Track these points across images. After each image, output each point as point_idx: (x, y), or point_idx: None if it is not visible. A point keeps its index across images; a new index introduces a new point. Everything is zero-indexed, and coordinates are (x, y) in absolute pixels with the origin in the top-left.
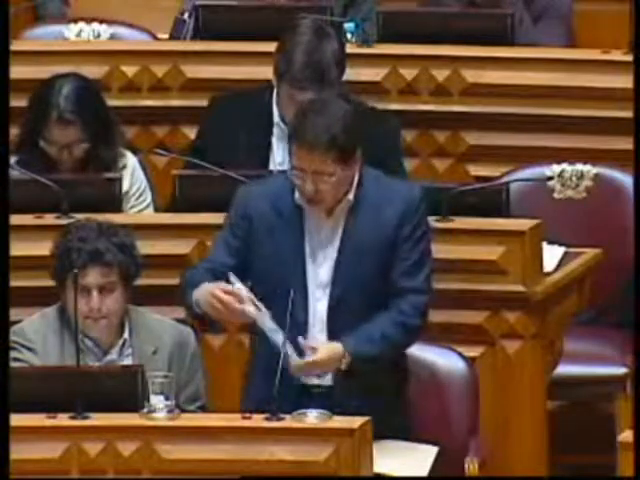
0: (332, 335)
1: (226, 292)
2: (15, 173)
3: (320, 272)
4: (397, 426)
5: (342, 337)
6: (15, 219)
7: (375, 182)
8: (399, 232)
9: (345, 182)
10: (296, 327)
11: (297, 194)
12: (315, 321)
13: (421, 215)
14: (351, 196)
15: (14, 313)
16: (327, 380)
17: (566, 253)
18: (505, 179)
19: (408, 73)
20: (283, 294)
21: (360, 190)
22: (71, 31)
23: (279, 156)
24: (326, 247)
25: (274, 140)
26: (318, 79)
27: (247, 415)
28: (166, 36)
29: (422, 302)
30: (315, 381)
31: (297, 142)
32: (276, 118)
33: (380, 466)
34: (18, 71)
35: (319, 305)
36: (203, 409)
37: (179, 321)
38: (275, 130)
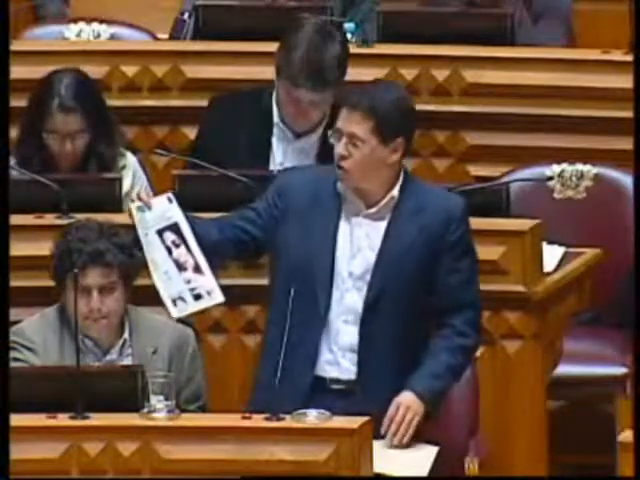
0: (365, 329)
1: (138, 197)
2: (15, 173)
3: (354, 263)
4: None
5: (406, 382)
6: (15, 219)
7: (419, 185)
8: (443, 239)
9: (377, 163)
10: (315, 314)
11: (339, 183)
12: (341, 311)
13: (465, 226)
14: (395, 192)
15: (14, 313)
16: (349, 373)
17: (566, 253)
18: (505, 179)
19: (408, 73)
20: (307, 279)
21: (404, 191)
22: (71, 31)
23: (279, 156)
24: (365, 239)
25: (274, 140)
26: (316, 78)
27: (247, 415)
28: (166, 36)
29: (477, 317)
30: (334, 374)
31: (342, 103)
32: (276, 118)
33: (380, 466)
34: (18, 71)
35: (348, 296)
36: (203, 409)
37: (179, 321)
38: (275, 130)
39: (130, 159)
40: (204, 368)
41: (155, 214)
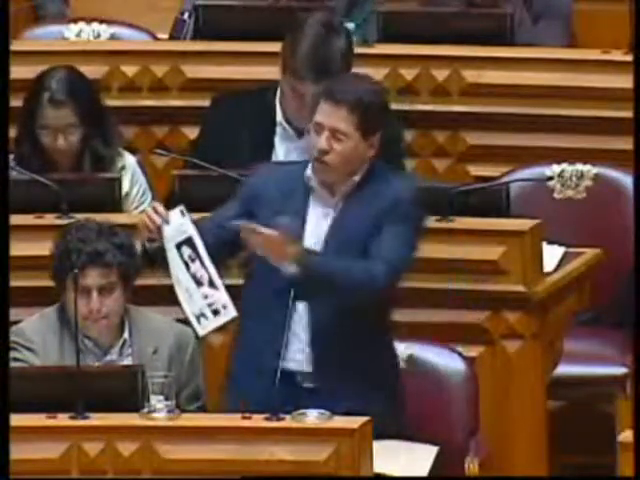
0: (315, 318)
1: (154, 209)
2: (15, 173)
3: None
4: (390, 426)
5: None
6: (15, 219)
7: (379, 175)
8: (387, 217)
9: (358, 158)
10: (284, 308)
11: (308, 172)
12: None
13: (408, 211)
14: (357, 178)
15: (14, 313)
16: (308, 367)
17: (566, 253)
18: (505, 179)
19: (408, 73)
20: (277, 274)
21: (366, 179)
22: (71, 31)
23: (281, 155)
24: (319, 229)
25: (277, 139)
26: (321, 71)
27: (247, 415)
28: (166, 36)
29: (387, 268)
30: (292, 366)
31: (325, 97)
32: (279, 117)
33: (380, 466)
34: (18, 71)
35: None
36: (203, 409)
37: (179, 321)
38: (278, 129)
39: (129, 160)
40: (204, 368)
41: (172, 228)
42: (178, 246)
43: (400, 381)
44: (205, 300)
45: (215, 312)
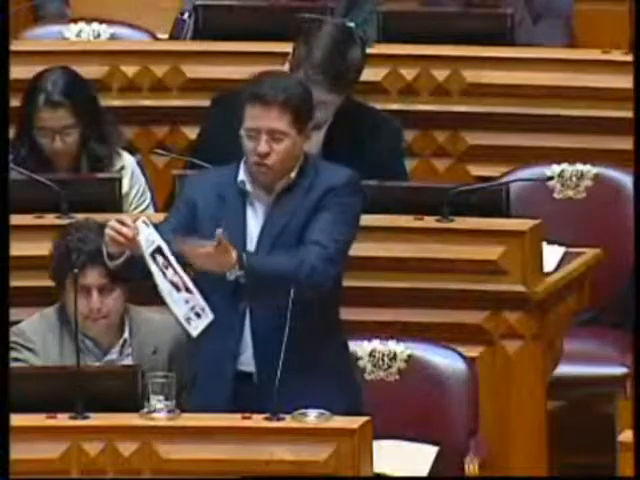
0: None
1: (121, 223)
2: (15, 173)
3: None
4: (342, 407)
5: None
6: (15, 219)
7: (314, 167)
8: (315, 214)
9: (296, 153)
10: (236, 311)
11: (241, 177)
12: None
13: (342, 199)
14: (293, 174)
15: (14, 313)
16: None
17: (566, 253)
18: (505, 179)
19: (408, 73)
20: (223, 278)
21: (302, 172)
22: (71, 31)
23: None
24: (258, 230)
25: None
26: (334, 79)
27: (247, 415)
28: (166, 36)
29: (323, 253)
30: (248, 368)
31: (253, 101)
32: None
33: (380, 466)
34: (18, 71)
35: None
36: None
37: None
38: None
39: (128, 160)
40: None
41: (143, 239)
42: (152, 255)
43: (357, 380)
44: (187, 304)
45: (198, 315)
